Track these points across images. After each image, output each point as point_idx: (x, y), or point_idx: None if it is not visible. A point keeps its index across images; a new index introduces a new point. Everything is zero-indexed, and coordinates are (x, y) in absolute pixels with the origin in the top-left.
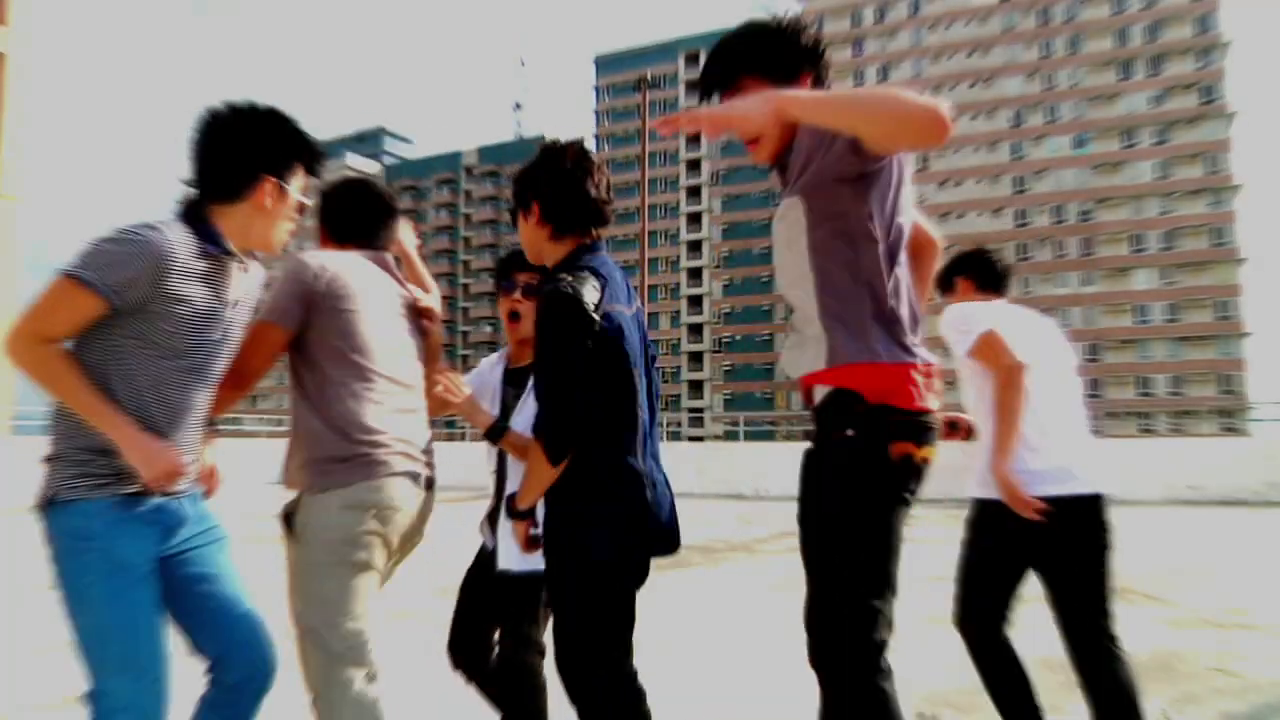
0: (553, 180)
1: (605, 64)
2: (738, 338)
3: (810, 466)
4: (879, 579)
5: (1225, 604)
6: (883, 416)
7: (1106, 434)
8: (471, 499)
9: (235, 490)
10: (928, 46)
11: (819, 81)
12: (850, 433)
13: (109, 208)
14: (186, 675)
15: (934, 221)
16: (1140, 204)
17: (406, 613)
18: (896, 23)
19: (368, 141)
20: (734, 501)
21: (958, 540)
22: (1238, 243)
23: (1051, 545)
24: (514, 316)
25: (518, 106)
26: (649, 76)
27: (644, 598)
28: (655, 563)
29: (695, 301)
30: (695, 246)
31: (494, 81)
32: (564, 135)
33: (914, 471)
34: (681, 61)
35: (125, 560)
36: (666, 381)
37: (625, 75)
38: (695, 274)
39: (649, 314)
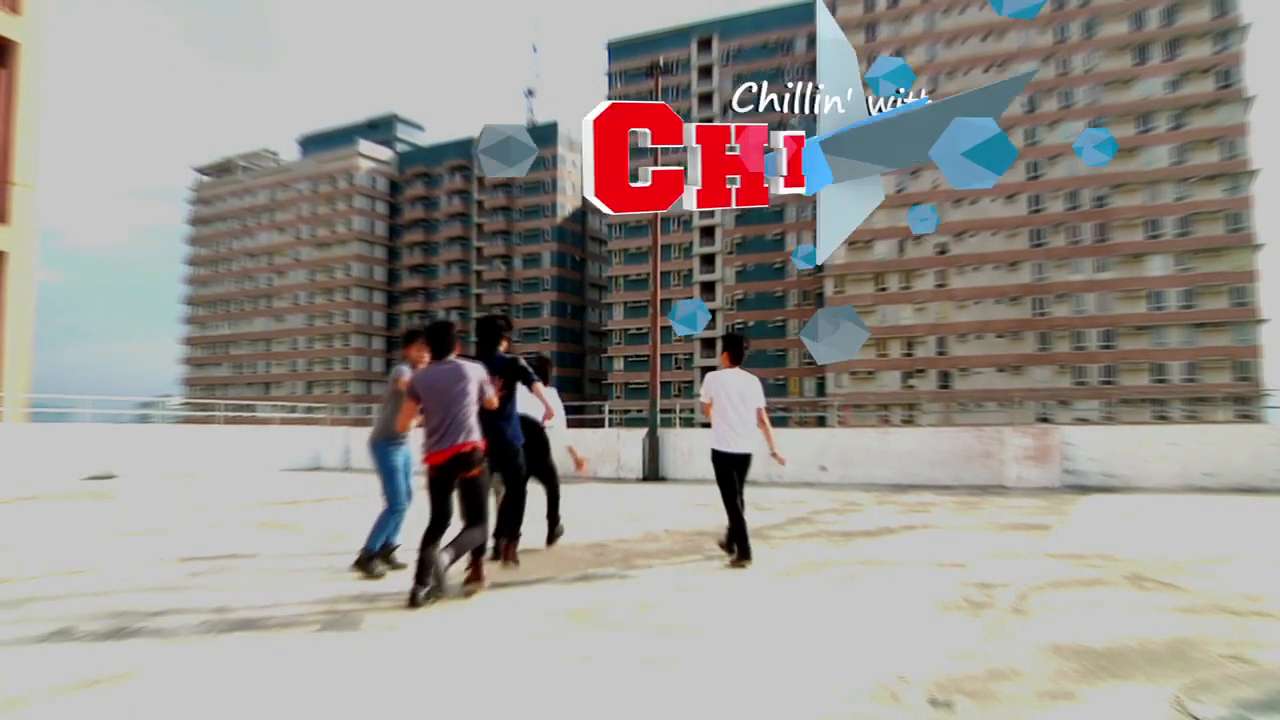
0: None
1: (618, 50)
2: (750, 324)
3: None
4: None
5: (1240, 591)
6: None
7: (1120, 421)
8: None
9: (248, 476)
10: (942, 30)
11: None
12: None
13: (124, 193)
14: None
15: (948, 207)
16: (1155, 189)
17: None
18: (910, 7)
19: (380, 128)
20: (747, 488)
21: (966, 527)
22: (1254, 228)
23: (736, 468)
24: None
25: (530, 93)
26: (662, 62)
27: (658, 583)
28: (673, 549)
29: (708, 288)
30: (708, 232)
31: (506, 68)
32: (576, 122)
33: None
34: (694, 47)
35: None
36: (679, 368)
37: (638, 61)
38: (708, 260)
39: (661, 300)
